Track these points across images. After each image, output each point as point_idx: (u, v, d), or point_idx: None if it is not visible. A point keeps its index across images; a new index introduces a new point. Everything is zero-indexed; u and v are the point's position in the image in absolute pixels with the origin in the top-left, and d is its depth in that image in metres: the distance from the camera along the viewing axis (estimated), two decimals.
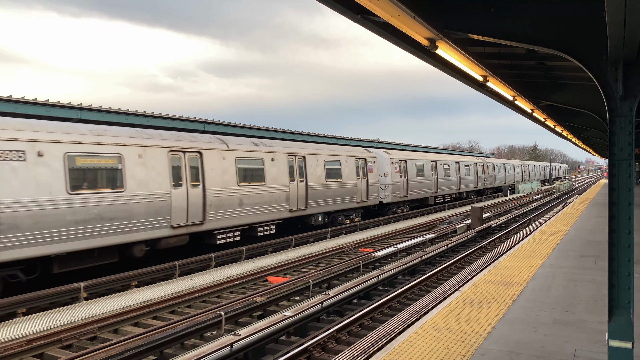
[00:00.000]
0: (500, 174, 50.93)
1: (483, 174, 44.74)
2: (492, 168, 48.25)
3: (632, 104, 4.62)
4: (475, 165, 42.85)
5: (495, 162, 50.54)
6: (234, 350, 7.86)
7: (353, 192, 23.91)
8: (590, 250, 12.93)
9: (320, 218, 21.65)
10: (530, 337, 6.66)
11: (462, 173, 39.66)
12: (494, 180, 48.85)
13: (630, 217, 4.62)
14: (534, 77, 11.66)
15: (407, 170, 29.62)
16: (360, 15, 6.02)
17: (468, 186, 41.10)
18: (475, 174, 42.58)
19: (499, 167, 51.37)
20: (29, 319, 9.75)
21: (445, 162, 36.51)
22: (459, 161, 39.50)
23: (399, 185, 28.49)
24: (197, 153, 15.49)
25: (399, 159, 28.77)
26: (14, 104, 13.44)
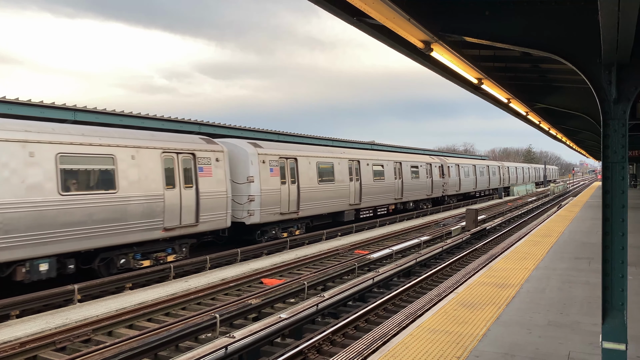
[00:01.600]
0: (468, 178, 42.24)
1: (441, 177, 36.22)
2: (456, 171, 39.30)
3: (625, 106, 4.64)
4: (428, 166, 33.68)
5: (461, 162, 41.42)
6: (229, 353, 7.84)
7: (150, 213, 14.06)
8: (585, 252, 12.99)
9: None
10: (524, 339, 6.67)
11: (406, 176, 30.09)
12: (459, 185, 39.70)
13: (624, 219, 4.64)
14: (529, 79, 11.72)
15: (299, 172, 20.45)
16: (356, 18, 6.02)
17: (416, 193, 31.66)
18: (428, 177, 33.57)
19: (467, 170, 42.12)
20: (22, 321, 9.69)
21: (373, 160, 26.60)
22: (399, 160, 29.63)
23: (279, 197, 19.24)
24: None
25: (278, 156, 19.47)
26: (8, 105, 13.37)
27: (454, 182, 38.75)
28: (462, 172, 40.48)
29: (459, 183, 39.71)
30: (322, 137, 29.08)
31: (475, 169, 44.49)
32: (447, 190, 37.28)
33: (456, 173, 39.33)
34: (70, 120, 14.77)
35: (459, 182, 39.65)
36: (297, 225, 21.03)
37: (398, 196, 29.39)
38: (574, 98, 12.66)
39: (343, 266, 14.67)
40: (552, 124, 19.42)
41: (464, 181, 41.10)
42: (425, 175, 33.04)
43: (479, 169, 45.88)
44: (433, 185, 34.43)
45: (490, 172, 50.14)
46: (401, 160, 30.01)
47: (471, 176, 43.25)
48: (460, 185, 40.22)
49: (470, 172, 42.95)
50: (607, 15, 3.66)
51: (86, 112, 15.48)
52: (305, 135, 27.36)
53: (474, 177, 44.22)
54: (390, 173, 28.27)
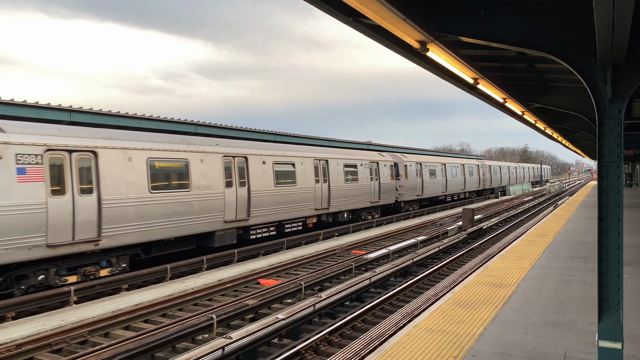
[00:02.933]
0: (434, 179, 34.96)
1: (394, 179, 28.92)
2: (417, 170, 32.15)
3: (620, 106, 4.66)
4: (373, 165, 26.58)
5: (424, 161, 34.18)
6: (226, 353, 7.83)
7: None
8: (581, 252, 13.02)
9: None
10: (521, 338, 6.69)
11: (335, 178, 22.92)
12: (420, 189, 32.57)
13: (620, 218, 4.65)
14: (525, 79, 11.75)
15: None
16: (352, 18, 6.03)
17: (352, 200, 24.36)
18: (372, 179, 26.25)
19: (433, 169, 35.13)
20: (19, 323, 9.65)
21: (277, 157, 19.48)
22: (323, 158, 22.26)
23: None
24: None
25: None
26: (4, 106, 13.32)
27: (413, 184, 31.55)
28: (425, 172, 33.39)
29: (420, 186, 32.40)
30: (319, 138, 29.07)
31: (445, 169, 37.53)
32: (403, 196, 29.92)
33: (417, 173, 32.12)
34: (66, 121, 14.73)
35: (420, 184, 32.37)
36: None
37: (321, 205, 21.92)
38: (570, 98, 12.70)
39: (340, 266, 14.67)
40: (548, 124, 19.48)
41: (429, 183, 33.87)
42: (367, 178, 25.86)
43: (450, 169, 38.86)
44: (380, 189, 27.05)
45: (466, 172, 42.75)
46: (327, 158, 22.60)
47: (439, 177, 36.19)
48: (423, 188, 32.95)
49: (437, 172, 36.00)
50: (602, 15, 3.67)
51: (82, 112, 15.43)
52: (302, 135, 27.33)
53: (443, 178, 37.13)
54: (305, 174, 20.94)
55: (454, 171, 39.73)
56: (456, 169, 40.48)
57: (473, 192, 45.85)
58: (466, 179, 42.58)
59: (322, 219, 22.56)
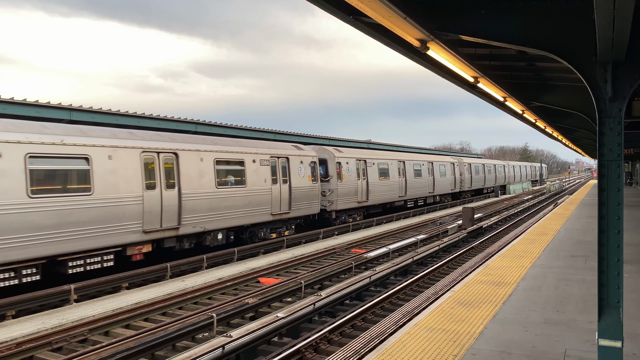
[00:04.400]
0: (389, 181, 28.19)
1: (317, 181, 21.73)
2: (358, 169, 25.20)
3: (621, 105, 4.66)
4: (279, 161, 19.65)
5: (369, 158, 26.59)
6: (226, 352, 7.84)
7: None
8: (581, 250, 13.03)
9: None
10: (521, 336, 6.69)
11: (190, 178, 15.64)
12: (364, 193, 25.75)
13: (620, 217, 4.65)
14: (525, 78, 11.74)
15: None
16: (352, 16, 6.02)
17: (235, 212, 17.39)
18: (275, 181, 19.20)
19: (385, 167, 27.93)
20: (19, 321, 9.66)
21: None
22: None
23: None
24: None
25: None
26: (3, 104, 13.31)
27: (352, 188, 24.59)
28: (372, 171, 26.38)
29: (364, 190, 25.52)
30: (318, 136, 29.08)
31: (404, 167, 30.13)
32: (334, 203, 23.25)
33: (359, 173, 25.30)
34: (65, 120, 14.72)
35: (364, 188, 25.54)
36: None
37: (161, 223, 14.15)
38: (570, 96, 12.70)
39: (340, 265, 14.68)
40: (548, 123, 19.47)
41: (379, 186, 26.99)
42: (265, 179, 18.57)
43: (412, 168, 31.35)
44: (292, 195, 19.95)
45: (436, 171, 35.28)
46: (176, 150, 15.61)
47: (395, 178, 28.81)
48: (369, 193, 26.02)
49: (393, 171, 28.57)
50: (603, 14, 3.67)
51: (82, 111, 15.43)
52: (302, 134, 27.32)
53: (402, 179, 29.65)
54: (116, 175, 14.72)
55: (417, 170, 32.00)
56: (421, 168, 32.72)
57: (447, 195, 38.11)
58: (436, 179, 35.13)
59: (166, 245, 14.74)
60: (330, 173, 23.40)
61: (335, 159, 23.72)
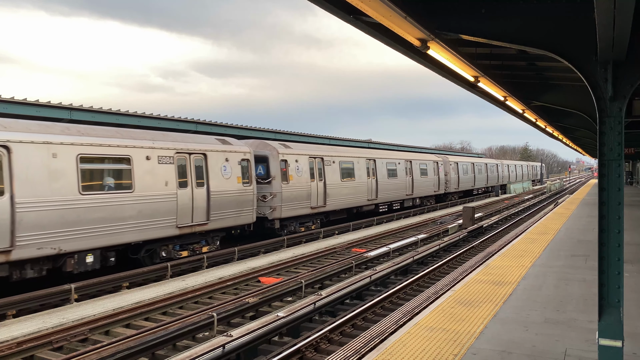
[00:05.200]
0: (354, 183, 24.54)
1: (251, 183, 17.67)
2: (312, 168, 21.62)
3: (621, 104, 4.65)
4: (191, 158, 15.38)
5: (329, 155, 23.13)
6: (227, 351, 7.84)
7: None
8: (581, 250, 13.03)
9: None
10: (521, 336, 6.69)
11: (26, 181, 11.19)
12: (320, 197, 21.85)
13: (620, 216, 4.65)
14: (525, 77, 11.74)
15: None
16: (352, 16, 6.02)
17: None
18: (186, 184, 15.07)
19: (350, 166, 24.39)
20: (19, 320, 9.66)
21: None
22: None
23: None
24: None
25: None
26: (4, 104, 13.33)
27: (304, 190, 20.83)
28: (332, 171, 22.82)
29: (319, 193, 21.78)
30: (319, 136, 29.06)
31: (374, 166, 26.61)
32: (277, 210, 19.39)
33: (313, 174, 21.63)
34: (66, 119, 14.73)
35: (320, 190, 21.86)
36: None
37: None
38: (570, 96, 12.70)
39: (340, 264, 14.68)
40: (549, 122, 19.46)
41: (340, 188, 23.27)
42: (168, 181, 14.43)
43: (384, 166, 27.59)
44: (210, 201, 15.75)
45: (415, 170, 31.44)
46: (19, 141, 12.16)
47: (362, 178, 25.21)
48: (327, 196, 22.21)
49: (359, 170, 25.06)
50: (603, 14, 3.66)
51: (82, 111, 15.44)
52: (302, 134, 27.31)
53: (371, 179, 26.01)
54: None
55: (392, 170, 28.45)
56: (397, 167, 29.09)
57: (429, 197, 34.61)
58: (415, 180, 31.42)
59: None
60: (272, 173, 19.52)
61: (280, 156, 19.73)
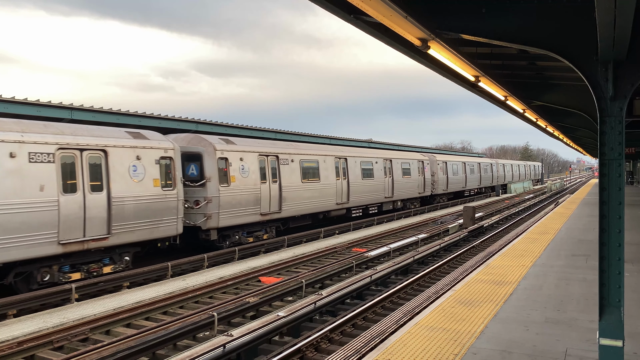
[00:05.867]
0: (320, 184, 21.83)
1: (173, 186, 14.71)
2: (262, 168, 18.49)
3: (622, 103, 4.65)
4: (84, 155, 12.34)
5: (286, 152, 20.04)
6: (227, 351, 7.84)
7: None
8: (582, 249, 13.02)
9: None
10: (522, 335, 6.69)
11: None
12: (274, 202, 18.95)
13: (621, 216, 4.65)
14: (526, 77, 11.73)
15: None
16: (353, 15, 6.02)
17: None
18: (72, 188, 11.96)
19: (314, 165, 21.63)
20: (20, 320, 9.67)
21: None
22: None
23: None
24: None
25: None
26: (5, 104, 13.32)
27: (252, 194, 17.73)
28: (290, 170, 20.00)
29: (273, 197, 18.80)
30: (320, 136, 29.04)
31: (345, 165, 23.79)
32: (213, 218, 16.26)
33: (263, 173, 18.46)
34: (66, 119, 14.73)
35: (274, 194, 18.91)
36: None
37: None
38: (571, 95, 12.69)
39: (341, 264, 14.68)
40: (549, 122, 19.46)
41: (299, 191, 20.29)
42: (40, 185, 11.45)
43: (357, 166, 24.73)
44: (111, 210, 12.92)
45: (396, 171, 28.38)
46: None
47: (330, 179, 22.47)
48: (282, 200, 19.29)
49: (326, 170, 22.35)
50: (604, 13, 3.66)
51: (83, 110, 15.43)
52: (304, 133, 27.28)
53: (341, 181, 23.31)
54: None
55: (367, 169, 25.26)
56: (374, 166, 25.80)
57: (413, 199, 31.39)
58: (396, 181, 28.19)
59: None
60: (207, 174, 16.22)
61: (218, 154, 16.45)
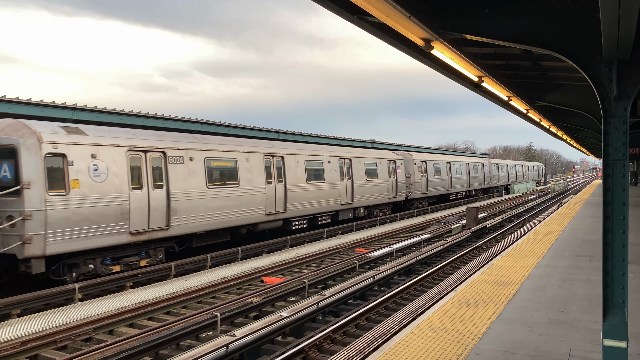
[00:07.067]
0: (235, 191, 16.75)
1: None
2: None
3: (626, 104, 4.63)
4: None
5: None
6: (230, 351, 7.85)
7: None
8: (585, 250, 12.98)
9: None
10: (525, 336, 6.67)
11: None
12: (163, 216, 13.88)
13: (625, 216, 4.63)
14: (529, 77, 11.70)
15: None
16: (356, 16, 6.02)
17: None
18: None
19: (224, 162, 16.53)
20: (24, 320, 9.70)
21: None
22: None
23: None
24: None
25: None
26: (9, 104, 13.37)
27: (99, 205, 12.46)
28: (184, 172, 15.05)
29: (160, 208, 14.09)
30: (323, 136, 29.04)
31: (282, 165, 19.42)
32: (32, 244, 11.00)
33: (130, 174, 13.31)
34: (70, 119, 14.77)
35: (161, 204, 14.15)
36: None
37: None
38: (575, 96, 12.65)
39: (344, 264, 14.67)
40: (553, 122, 19.39)
41: (204, 199, 15.63)
42: None
43: (303, 165, 20.71)
44: None
45: (357, 172, 24.36)
46: None
47: (254, 184, 17.75)
48: (171, 212, 14.33)
49: (250, 172, 17.72)
50: (608, 13, 3.65)
51: (86, 111, 15.47)
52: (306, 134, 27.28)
53: (272, 185, 18.71)
54: None
55: (315, 170, 21.48)
56: (324, 167, 22.02)
57: (381, 205, 27.40)
58: (357, 184, 24.17)
59: None
60: (24, 177, 11.22)
61: (45, 148, 11.56)
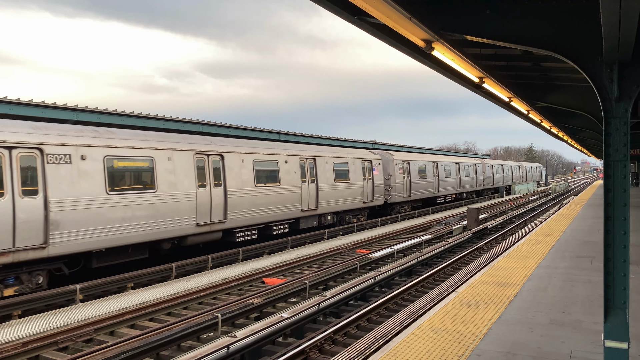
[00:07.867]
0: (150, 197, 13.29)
1: None
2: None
3: (627, 105, 4.63)
4: None
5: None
6: (231, 352, 7.85)
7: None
8: (586, 251, 12.97)
9: None
10: (526, 337, 6.67)
11: None
12: (41, 231, 10.68)
13: (626, 217, 4.63)
14: (530, 78, 11.70)
15: None
16: (356, 17, 6.03)
17: None
18: None
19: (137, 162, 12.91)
20: (25, 321, 9.71)
21: None
22: None
23: None
24: None
25: None
26: (10, 105, 13.39)
27: None
28: (73, 173, 11.84)
29: (30, 222, 10.79)
30: (325, 137, 29.03)
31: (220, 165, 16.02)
32: None
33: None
34: (71, 120, 14.78)
35: (35, 217, 10.91)
36: None
37: None
38: (575, 96, 12.65)
39: (344, 265, 14.67)
40: (554, 123, 19.39)
41: (92, 212, 12.04)
42: None
43: (252, 165, 17.33)
44: None
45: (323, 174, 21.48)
46: None
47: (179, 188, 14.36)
48: (49, 228, 11.03)
49: (173, 173, 14.36)
50: (609, 14, 3.65)
51: (87, 112, 15.48)
52: (307, 135, 27.29)
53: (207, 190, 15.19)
54: None
55: (269, 171, 18.56)
56: (279, 168, 19.00)
57: (353, 211, 24.44)
58: (321, 187, 21.30)
59: None
60: None
61: None
